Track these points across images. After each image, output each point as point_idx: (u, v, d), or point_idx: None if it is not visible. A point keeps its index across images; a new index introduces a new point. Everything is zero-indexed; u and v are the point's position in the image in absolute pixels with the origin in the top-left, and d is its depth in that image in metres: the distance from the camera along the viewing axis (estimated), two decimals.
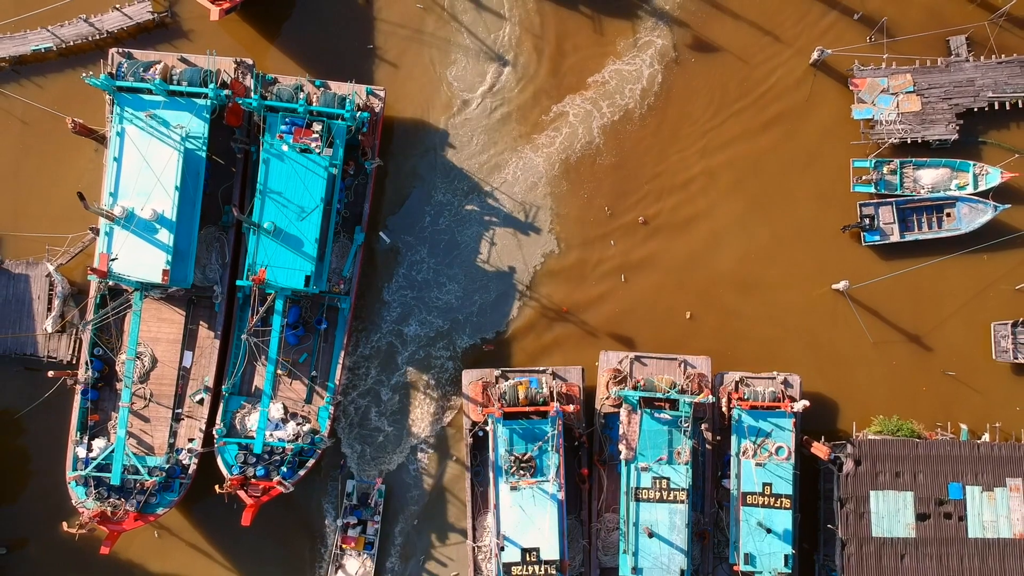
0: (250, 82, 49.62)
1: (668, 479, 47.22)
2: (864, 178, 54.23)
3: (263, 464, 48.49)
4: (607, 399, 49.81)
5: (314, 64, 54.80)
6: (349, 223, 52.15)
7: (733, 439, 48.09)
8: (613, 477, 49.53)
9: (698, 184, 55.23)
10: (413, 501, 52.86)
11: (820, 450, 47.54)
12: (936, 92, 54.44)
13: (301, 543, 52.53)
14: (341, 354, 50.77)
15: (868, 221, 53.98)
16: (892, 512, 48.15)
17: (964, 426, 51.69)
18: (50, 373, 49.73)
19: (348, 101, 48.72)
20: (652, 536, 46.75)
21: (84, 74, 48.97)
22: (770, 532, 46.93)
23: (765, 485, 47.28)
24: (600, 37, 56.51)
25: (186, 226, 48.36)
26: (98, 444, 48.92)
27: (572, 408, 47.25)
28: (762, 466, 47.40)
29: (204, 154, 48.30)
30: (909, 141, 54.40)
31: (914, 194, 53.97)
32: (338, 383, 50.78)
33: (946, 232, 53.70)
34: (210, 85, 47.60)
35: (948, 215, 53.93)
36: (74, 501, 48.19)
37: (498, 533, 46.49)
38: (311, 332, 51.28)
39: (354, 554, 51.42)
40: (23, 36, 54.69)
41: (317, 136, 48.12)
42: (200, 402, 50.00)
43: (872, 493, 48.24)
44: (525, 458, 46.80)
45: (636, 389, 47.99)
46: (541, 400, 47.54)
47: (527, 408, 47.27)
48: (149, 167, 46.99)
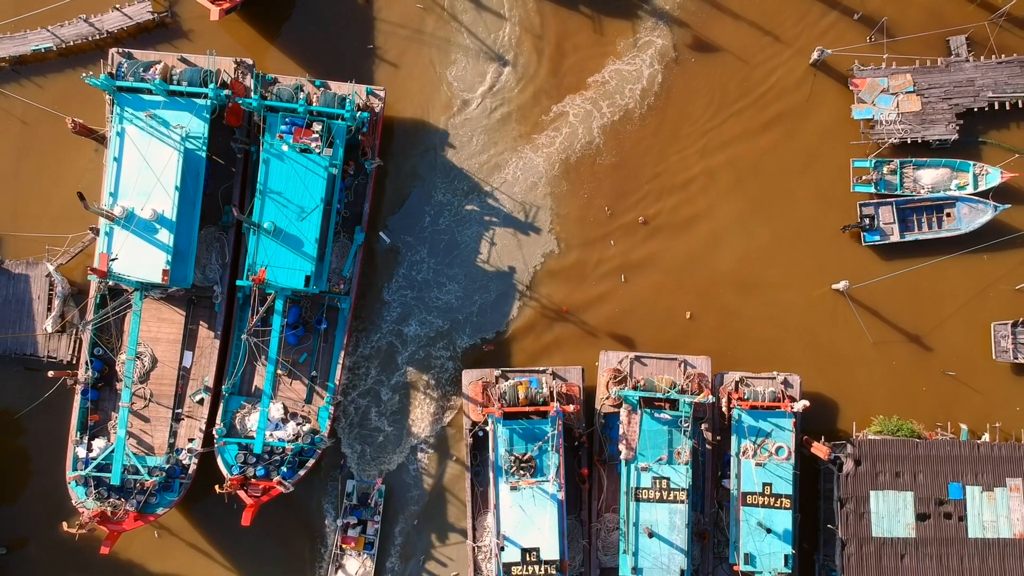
0: (250, 82, 49.64)
1: (668, 479, 47.23)
2: (864, 178, 54.22)
3: (263, 464, 48.51)
4: (607, 399, 49.81)
5: (314, 64, 54.80)
6: (349, 223, 52.16)
7: (733, 439, 48.10)
8: (613, 477, 49.53)
9: (698, 184, 55.23)
10: (413, 501, 52.87)
11: (820, 450, 47.54)
12: (936, 92, 54.44)
13: (301, 543, 52.54)
14: (341, 354, 50.77)
15: (868, 221, 53.98)
16: (892, 512, 48.15)
17: (964, 426, 51.69)
18: (50, 373, 49.74)
19: (348, 101, 48.71)
20: (652, 536, 46.76)
21: (84, 74, 48.98)
22: (770, 532, 46.93)
23: (765, 485, 47.29)
24: (600, 37, 56.51)
25: (186, 226, 48.37)
26: (98, 444, 48.94)
27: (572, 408, 47.24)
28: (762, 466, 47.41)
29: (204, 154, 48.31)
30: (909, 141, 54.40)
31: (914, 194, 53.97)
32: (338, 383, 50.78)
33: (946, 232, 53.71)
34: (210, 85, 47.61)
35: (948, 215, 53.92)
36: (74, 501, 48.20)
37: (498, 533, 46.49)
38: (311, 332, 51.29)
39: (354, 554, 51.40)
40: (23, 36, 54.69)
41: (317, 136, 48.12)
42: (200, 402, 50.02)
43: (872, 493, 48.26)
44: (525, 458, 46.80)
45: (636, 389, 47.99)
46: (541, 400, 47.53)
47: (527, 408, 47.28)
48: (149, 167, 47.01)
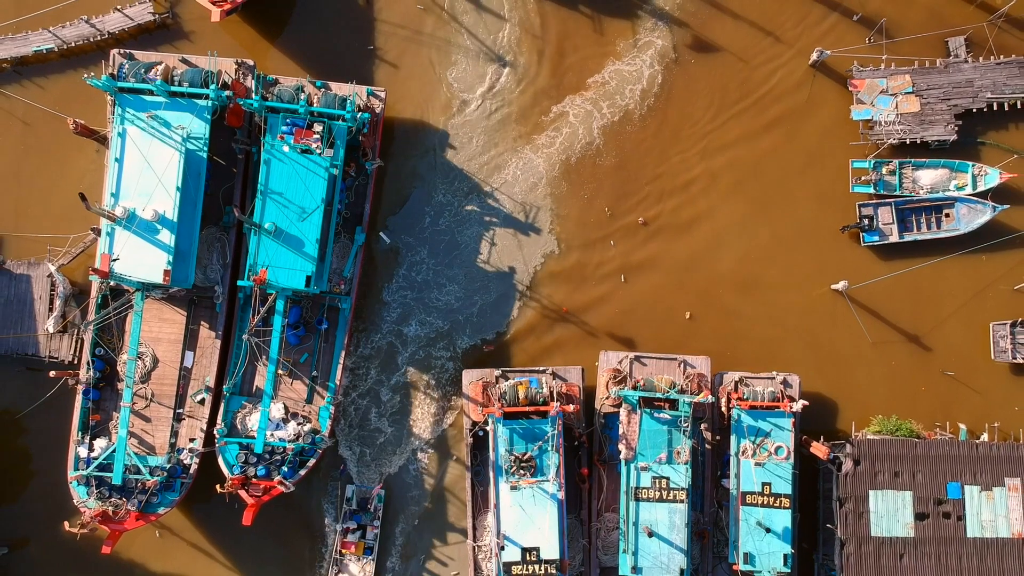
0: (251, 83, 49.77)
1: (668, 479, 47.34)
2: (863, 179, 54.32)
3: (264, 464, 48.62)
4: (607, 399, 49.92)
5: (315, 65, 54.90)
6: (350, 223, 52.27)
7: (732, 439, 48.20)
8: (613, 477, 49.63)
9: (699, 185, 55.30)
10: (414, 501, 52.96)
11: (819, 450, 47.63)
12: (935, 93, 54.55)
13: (301, 543, 52.64)
14: (342, 354, 50.87)
15: (867, 221, 54.08)
16: (891, 512, 48.26)
17: (963, 426, 51.78)
18: (52, 373, 49.82)
19: (349, 102, 48.82)
20: (652, 535, 46.86)
21: (85, 75, 49.14)
22: (769, 531, 47.04)
23: (764, 485, 47.40)
24: (600, 38, 56.61)
25: (187, 227, 48.48)
26: (99, 444, 49.02)
27: (572, 408, 47.33)
28: (761, 466, 47.52)
29: (205, 155, 48.43)
30: (908, 142, 54.50)
31: (913, 195, 54.07)
32: (339, 383, 50.89)
33: (945, 232, 53.80)
34: (211, 86, 47.74)
35: (947, 215, 54.03)
36: (75, 501, 48.30)
37: (498, 532, 46.60)
38: (312, 332, 51.38)
39: (353, 559, 51.56)
40: (24, 37, 54.81)
41: (318, 137, 48.22)
42: (201, 402, 50.12)
43: (871, 493, 48.36)
44: (525, 458, 46.91)
45: (636, 389, 48.09)
46: (541, 400, 47.63)
47: (527, 408, 47.38)
48: (150, 168, 47.13)
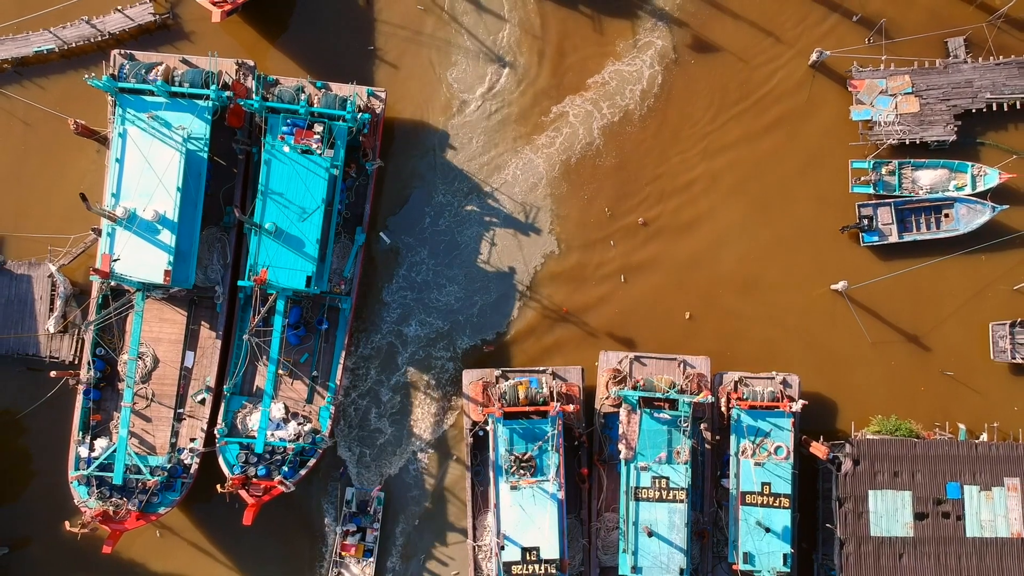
0: (251, 83, 49.85)
1: (667, 478, 47.40)
2: (863, 179, 54.37)
3: (264, 464, 48.69)
4: (607, 399, 49.98)
5: (315, 65, 54.97)
6: (350, 224, 52.35)
7: (732, 439, 48.26)
8: (613, 477, 49.69)
9: (699, 186, 55.33)
10: (414, 501, 53.01)
11: (819, 450, 47.70)
12: (934, 93, 54.61)
13: (302, 542, 52.69)
14: (342, 354, 50.93)
15: (867, 222, 54.15)
16: (890, 511, 48.31)
17: (962, 426, 51.84)
18: (52, 373, 49.90)
19: (349, 102, 48.90)
20: (651, 535, 46.93)
21: (86, 75, 49.21)
22: (769, 531, 47.11)
23: (764, 484, 47.47)
24: (600, 38, 56.66)
25: (188, 227, 48.54)
26: (100, 444, 49.11)
27: (572, 408, 47.40)
28: (761, 465, 47.59)
29: (206, 155, 48.51)
30: (907, 142, 54.55)
31: (912, 195, 54.12)
32: (339, 383, 50.96)
33: (944, 233, 53.86)
34: (212, 86, 47.82)
35: (946, 216, 54.09)
36: (76, 501, 48.37)
37: (498, 532, 46.67)
38: (312, 332, 51.45)
39: (353, 561, 51.61)
40: (25, 38, 54.87)
41: (318, 137, 48.30)
42: (202, 402, 50.20)
43: (870, 492, 48.41)
44: (525, 458, 46.98)
45: (636, 389, 48.16)
46: (541, 400, 47.69)
47: (527, 408, 47.44)
48: (151, 168, 47.20)
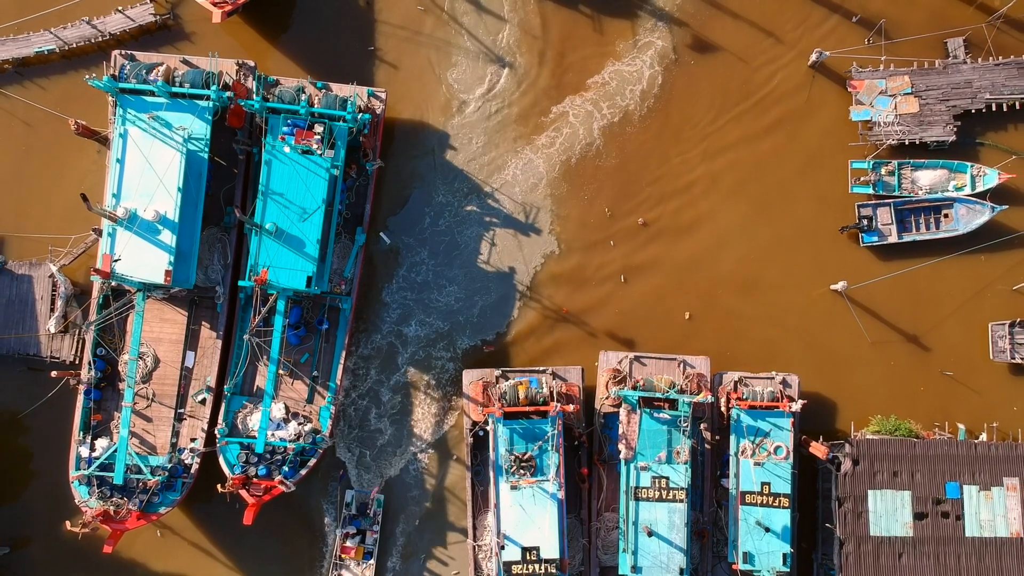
0: (252, 84, 49.93)
1: (667, 478, 47.45)
2: (862, 179, 54.42)
3: (265, 463, 48.75)
4: (607, 399, 50.04)
5: (315, 66, 55.01)
6: (350, 224, 52.42)
7: (732, 439, 48.31)
8: (613, 476, 49.74)
9: (700, 187, 55.37)
10: (414, 501, 53.07)
11: (818, 449, 47.75)
12: (934, 94, 54.67)
13: (302, 542, 52.75)
14: (342, 354, 51.00)
15: (866, 222, 54.20)
16: (890, 511, 48.36)
17: (962, 426, 51.89)
18: (53, 373, 49.97)
19: (350, 103, 48.96)
20: (651, 535, 46.98)
21: (87, 76, 49.26)
22: (769, 531, 47.15)
23: (764, 484, 47.52)
24: (600, 38, 56.71)
25: (188, 227, 48.60)
26: (101, 444, 49.19)
27: (572, 408, 47.46)
28: (761, 465, 47.63)
29: (206, 155, 48.58)
30: (907, 142, 54.59)
31: (912, 195, 54.17)
32: (340, 383, 51.02)
33: (944, 233, 53.91)
34: (212, 87, 47.89)
35: (946, 216, 54.14)
36: (77, 500, 48.43)
37: (498, 532, 46.72)
38: (312, 332, 51.53)
39: (353, 563, 51.68)
40: (26, 38, 54.94)
41: (319, 137, 48.36)
42: (202, 402, 50.27)
43: (870, 492, 48.46)
44: (525, 457, 47.03)
45: (635, 389, 48.22)
46: (541, 400, 47.74)
47: (527, 408, 47.49)
48: (152, 168, 47.27)
